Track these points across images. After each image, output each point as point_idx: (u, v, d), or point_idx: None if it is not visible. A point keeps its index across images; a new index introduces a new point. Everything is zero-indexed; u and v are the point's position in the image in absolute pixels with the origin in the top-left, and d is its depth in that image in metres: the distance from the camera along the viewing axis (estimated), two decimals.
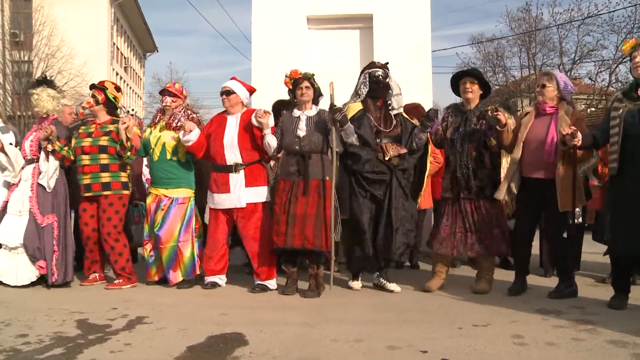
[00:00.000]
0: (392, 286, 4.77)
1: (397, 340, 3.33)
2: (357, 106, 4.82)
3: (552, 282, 5.10)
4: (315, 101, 4.83)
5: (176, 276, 4.96)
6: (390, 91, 4.80)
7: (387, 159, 4.65)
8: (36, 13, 22.33)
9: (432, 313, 4.03)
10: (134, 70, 35.40)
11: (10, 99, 20.73)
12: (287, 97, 5.97)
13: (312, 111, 4.80)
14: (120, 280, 5.03)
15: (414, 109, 5.53)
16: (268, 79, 6.90)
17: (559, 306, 4.12)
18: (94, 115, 5.19)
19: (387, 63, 4.92)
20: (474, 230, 4.61)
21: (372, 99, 4.80)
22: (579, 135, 4.07)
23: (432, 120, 4.66)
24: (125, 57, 32.36)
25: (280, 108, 5.98)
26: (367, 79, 4.81)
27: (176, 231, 4.91)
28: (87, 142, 4.99)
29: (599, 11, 21.27)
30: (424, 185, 5.38)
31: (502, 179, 4.65)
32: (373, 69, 4.80)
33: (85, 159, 4.97)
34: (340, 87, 5.41)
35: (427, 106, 6.57)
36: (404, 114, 4.92)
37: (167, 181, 4.99)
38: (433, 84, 7.02)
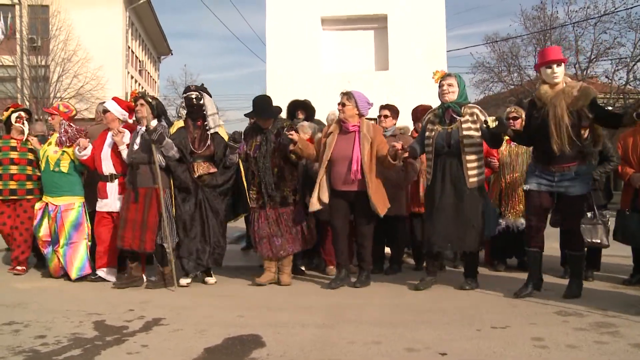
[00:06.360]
0: (209, 279, 5.28)
1: (416, 342, 3.30)
2: (179, 124, 5.27)
3: None
4: (158, 116, 5.20)
5: (71, 273, 5.36)
6: (204, 112, 5.15)
7: (196, 176, 5.08)
8: (53, 18, 22.57)
9: (450, 314, 3.99)
10: (148, 73, 35.64)
11: (27, 103, 20.97)
12: (301, 97, 6.00)
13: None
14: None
15: (424, 111, 5.46)
16: (283, 80, 6.91)
17: (580, 308, 4.05)
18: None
19: (203, 84, 5.44)
20: (279, 234, 5.11)
21: (191, 119, 5.19)
22: (407, 148, 4.80)
23: (238, 142, 5.06)
24: (140, 61, 32.58)
25: (294, 109, 5.99)
26: (184, 102, 5.24)
27: (65, 235, 5.39)
28: (14, 154, 5.75)
29: (616, 8, 20.93)
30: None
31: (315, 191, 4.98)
32: (188, 93, 5.23)
33: (14, 169, 5.70)
34: (355, 88, 5.40)
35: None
36: (222, 133, 5.22)
37: (52, 190, 5.53)
38: None
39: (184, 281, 5.16)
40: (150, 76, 36.76)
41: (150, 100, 5.24)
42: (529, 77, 25.59)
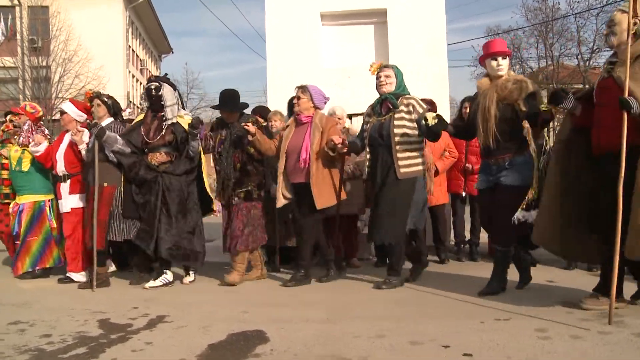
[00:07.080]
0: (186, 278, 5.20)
1: (420, 335, 3.31)
2: (140, 117, 5.30)
3: (576, 274, 5.04)
4: (114, 115, 5.36)
5: (21, 267, 5.51)
6: (162, 102, 5.11)
7: (154, 164, 5.07)
8: (53, 19, 22.61)
9: (453, 308, 3.99)
10: (149, 72, 35.64)
11: None
12: None
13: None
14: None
15: (427, 104, 5.45)
16: (283, 77, 6.90)
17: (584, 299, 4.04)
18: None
19: (167, 74, 5.43)
20: (244, 229, 5.06)
21: (152, 110, 5.19)
22: (346, 143, 4.73)
23: (197, 128, 4.97)
24: (140, 59, 32.63)
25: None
26: (145, 93, 5.27)
27: (23, 231, 5.52)
28: (5, 160, 5.81)
29: None
30: (431, 180, 5.35)
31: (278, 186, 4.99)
32: (148, 84, 5.23)
33: (5, 174, 5.84)
34: (355, 82, 5.40)
35: (443, 100, 6.52)
36: (183, 123, 5.09)
37: (17, 189, 5.70)
38: (449, 78, 6.96)
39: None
40: (152, 74, 36.77)
41: (106, 99, 5.33)
42: (530, 69, 25.52)
